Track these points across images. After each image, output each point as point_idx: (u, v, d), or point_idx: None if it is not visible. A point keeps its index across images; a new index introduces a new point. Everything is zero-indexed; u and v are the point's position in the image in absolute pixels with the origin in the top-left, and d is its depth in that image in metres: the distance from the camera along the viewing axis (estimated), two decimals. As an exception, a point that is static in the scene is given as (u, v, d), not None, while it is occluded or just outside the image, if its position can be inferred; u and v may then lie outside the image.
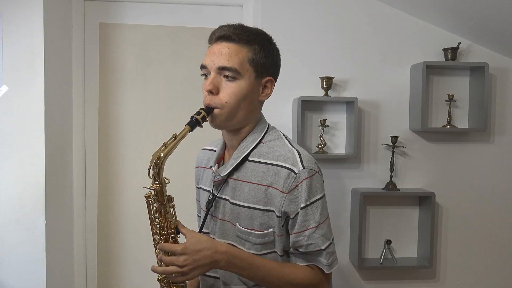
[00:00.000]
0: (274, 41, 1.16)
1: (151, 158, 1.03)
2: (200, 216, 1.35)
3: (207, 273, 1.17)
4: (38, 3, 1.86)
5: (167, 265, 1.01)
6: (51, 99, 1.95)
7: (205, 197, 1.21)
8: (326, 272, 1.09)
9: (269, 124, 1.19)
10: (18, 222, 1.91)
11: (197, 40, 2.27)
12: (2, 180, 1.90)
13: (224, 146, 1.22)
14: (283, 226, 1.08)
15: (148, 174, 1.04)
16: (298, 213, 1.06)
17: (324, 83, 2.20)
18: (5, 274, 1.92)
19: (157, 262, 1.08)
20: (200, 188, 1.28)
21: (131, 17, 2.25)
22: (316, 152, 2.23)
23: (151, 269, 1.05)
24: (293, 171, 1.06)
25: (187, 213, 1.48)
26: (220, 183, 1.15)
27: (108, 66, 2.25)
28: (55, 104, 2.00)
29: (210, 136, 1.40)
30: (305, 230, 1.06)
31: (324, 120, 2.23)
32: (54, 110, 2.00)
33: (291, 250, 1.11)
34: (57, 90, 2.03)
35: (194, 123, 1.04)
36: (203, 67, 1.11)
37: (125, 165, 2.28)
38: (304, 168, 1.06)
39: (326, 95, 2.23)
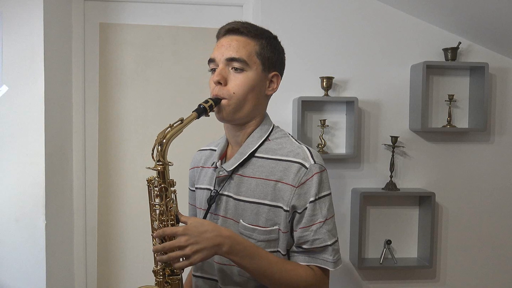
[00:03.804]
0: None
1: (155, 138, 1.02)
2: None
3: (204, 275, 1.17)
4: (38, 3, 1.86)
5: (169, 250, 0.98)
6: (51, 99, 1.95)
7: (204, 196, 1.20)
8: (331, 269, 1.08)
9: (274, 124, 1.20)
10: (18, 222, 1.91)
11: (197, 40, 2.27)
12: (2, 180, 1.90)
13: (227, 143, 1.22)
14: (289, 222, 1.08)
15: (152, 154, 1.03)
16: (306, 207, 1.06)
17: (324, 83, 2.21)
18: (5, 274, 1.92)
19: (153, 255, 1.05)
20: (197, 188, 1.26)
21: (131, 17, 2.25)
22: (316, 152, 2.23)
23: (153, 250, 1.01)
24: (304, 165, 1.07)
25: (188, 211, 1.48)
26: (224, 179, 1.14)
27: (108, 66, 2.25)
28: (55, 104, 2.00)
29: (211, 137, 1.40)
30: (312, 224, 1.06)
31: (324, 120, 2.23)
32: (54, 110, 2.00)
33: (294, 248, 1.10)
34: (57, 90, 2.03)
35: (201, 111, 1.05)
36: (211, 61, 1.12)
37: (125, 165, 2.28)
38: (315, 163, 1.07)
39: (326, 95, 2.23)
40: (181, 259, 0.99)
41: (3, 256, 1.91)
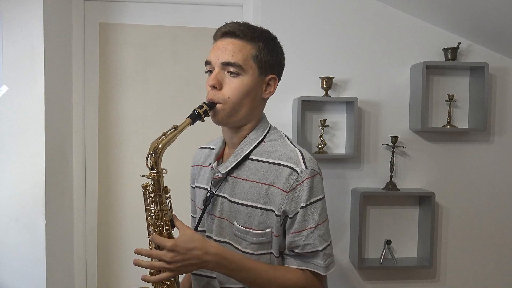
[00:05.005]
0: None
1: (149, 147, 1.03)
2: (194, 217, 1.34)
3: (202, 273, 1.18)
4: (38, 3, 1.86)
5: (155, 258, 1.01)
6: (51, 99, 1.95)
7: (201, 195, 1.21)
8: (322, 274, 1.07)
9: (270, 124, 1.19)
10: (18, 222, 1.91)
11: (197, 40, 2.27)
12: (2, 180, 1.90)
13: (224, 143, 1.22)
14: (281, 226, 1.08)
15: (146, 163, 1.04)
16: (297, 212, 1.05)
17: (324, 83, 2.21)
18: (5, 274, 1.92)
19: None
20: (197, 186, 1.27)
21: (131, 17, 2.25)
22: (316, 152, 2.23)
23: (133, 263, 1.03)
24: (295, 170, 1.06)
25: (184, 211, 1.48)
26: (219, 181, 1.14)
27: (108, 66, 2.25)
28: (55, 104, 2.00)
29: (210, 135, 1.40)
30: (303, 230, 1.06)
31: (324, 120, 2.23)
32: (54, 110, 2.00)
33: (286, 251, 1.10)
34: (57, 90, 2.03)
35: (195, 116, 1.04)
36: (207, 63, 1.11)
37: (125, 165, 2.28)
38: (306, 167, 1.06)
39: (326, 95, 2.23)
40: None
41: (3, 256, 1.91)
